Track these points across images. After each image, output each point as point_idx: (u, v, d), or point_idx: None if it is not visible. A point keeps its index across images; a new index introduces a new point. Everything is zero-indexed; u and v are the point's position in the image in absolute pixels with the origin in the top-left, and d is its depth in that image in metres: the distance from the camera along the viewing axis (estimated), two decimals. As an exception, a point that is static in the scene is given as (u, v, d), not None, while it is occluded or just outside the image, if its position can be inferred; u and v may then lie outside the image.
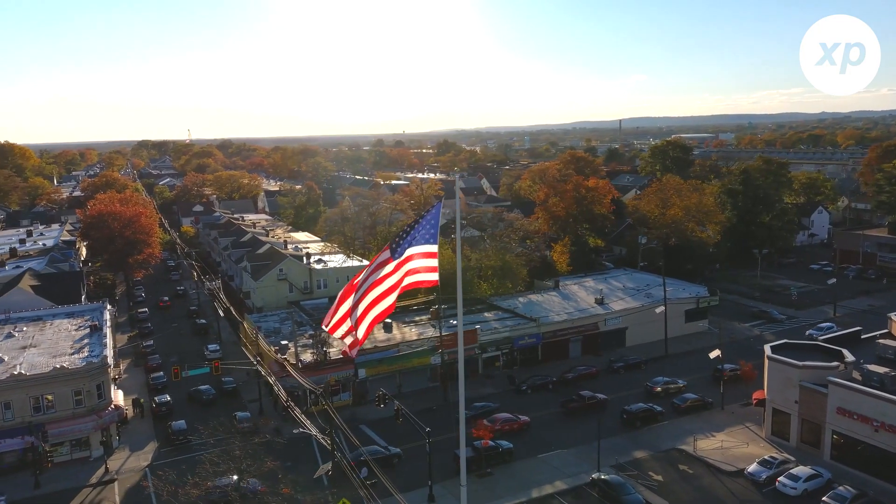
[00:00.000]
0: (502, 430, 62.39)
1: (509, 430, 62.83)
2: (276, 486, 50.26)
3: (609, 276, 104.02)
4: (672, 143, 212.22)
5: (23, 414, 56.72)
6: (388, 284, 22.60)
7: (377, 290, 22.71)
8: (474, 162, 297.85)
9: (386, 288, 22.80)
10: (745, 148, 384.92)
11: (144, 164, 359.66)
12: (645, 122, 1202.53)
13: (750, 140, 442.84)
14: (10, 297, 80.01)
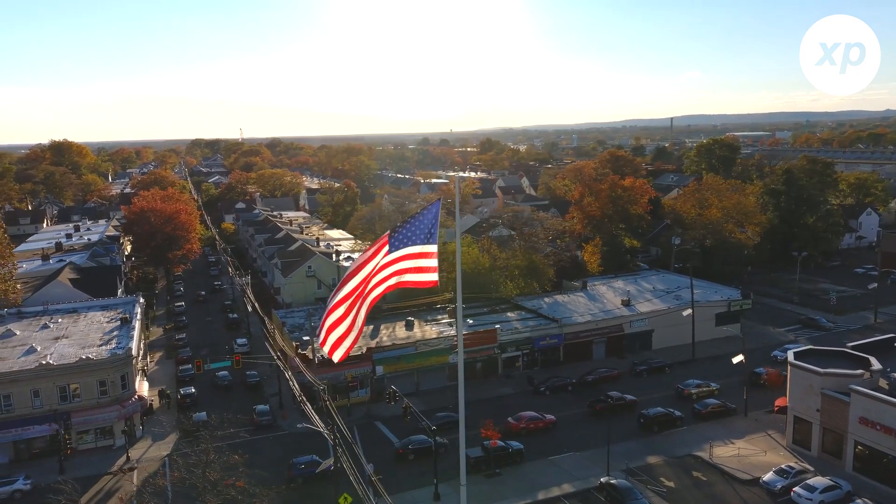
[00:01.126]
0: (527, 428, 62.32)
1: (534, 428, 62.68)
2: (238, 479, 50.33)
3: (639, 278, 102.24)
4: (719, 142, 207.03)
5: (50, 402, 59.09)
6: (378, 279, 22.48)
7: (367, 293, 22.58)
8: (516, 160, 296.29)
9: (374, 284, 22.71)
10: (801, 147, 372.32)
11: (196, 162, 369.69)
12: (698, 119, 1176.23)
13: (806, 139, 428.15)
14: (49, 290, 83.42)
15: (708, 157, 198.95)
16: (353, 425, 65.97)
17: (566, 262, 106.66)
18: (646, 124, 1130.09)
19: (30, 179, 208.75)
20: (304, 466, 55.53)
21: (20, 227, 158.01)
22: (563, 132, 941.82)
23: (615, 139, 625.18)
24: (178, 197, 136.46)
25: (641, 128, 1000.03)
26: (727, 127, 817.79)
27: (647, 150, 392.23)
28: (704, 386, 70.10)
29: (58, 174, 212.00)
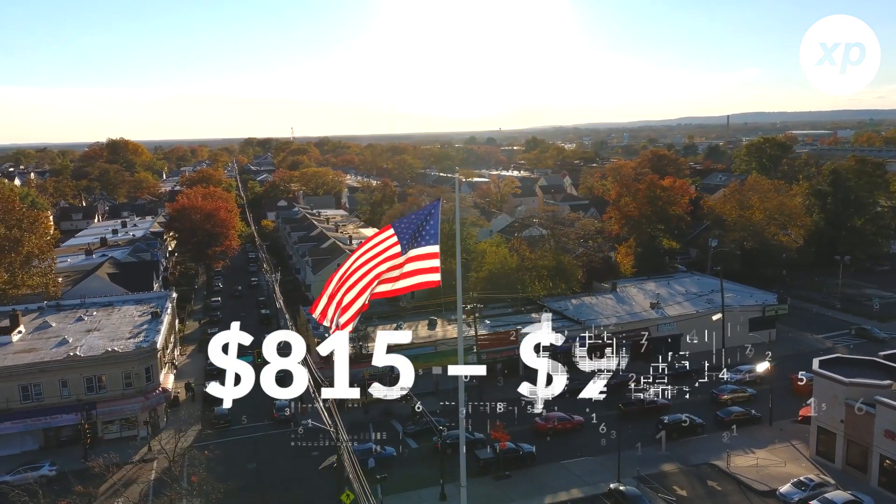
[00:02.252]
0: (555, 428, 61.86)
1: (562, 428, 62.26)
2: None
3: (672, 280, 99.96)
4: (769, 141, 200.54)
5: (77, 392, 61.39)
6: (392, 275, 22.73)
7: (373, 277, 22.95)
8: (561, 159, 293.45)
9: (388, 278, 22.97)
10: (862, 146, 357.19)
11: (247, 161, 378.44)
12: (757, 117, 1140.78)
13: (868, 138, 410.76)
14: (87, 284, 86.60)
15: (758, 157, 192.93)
16: (369, 423, 66.68)
17: (598, 263, 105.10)
18: (701, 122, 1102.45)
19: (85, 176, 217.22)
20: (361, 455, 56.30)
21: (73, 223, 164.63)
22: (614, 130, 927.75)
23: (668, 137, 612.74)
24: (220, 195, 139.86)
25: (697, 126, 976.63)
26: (787, 125, 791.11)
27: (700, 149, 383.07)
28: (740, 391, 68.09)
29: (112, 172, 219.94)
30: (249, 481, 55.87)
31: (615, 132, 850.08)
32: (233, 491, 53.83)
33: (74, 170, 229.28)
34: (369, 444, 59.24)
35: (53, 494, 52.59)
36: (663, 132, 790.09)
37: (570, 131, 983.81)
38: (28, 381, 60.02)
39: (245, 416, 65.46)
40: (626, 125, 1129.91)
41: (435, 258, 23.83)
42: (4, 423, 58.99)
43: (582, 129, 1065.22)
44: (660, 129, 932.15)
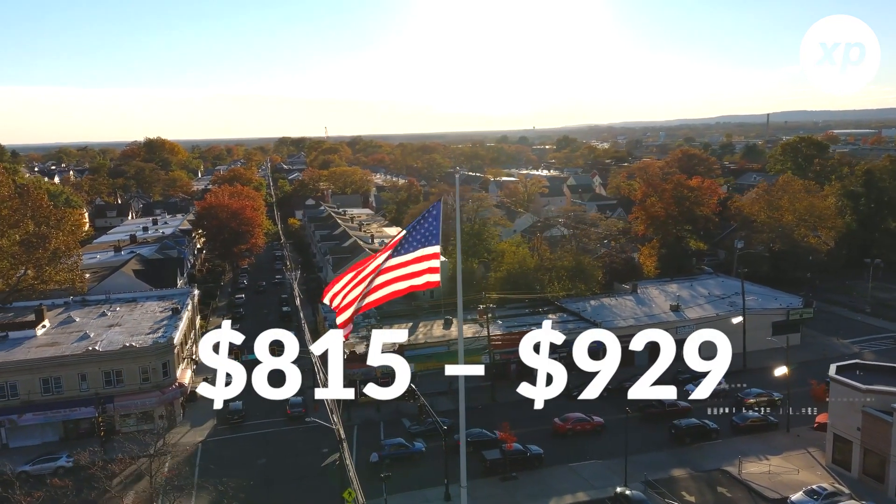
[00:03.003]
0: (574, 429, 61.48)
1: (581, 429, 61.91)
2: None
3: (696, 282, 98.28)
4: (805, 140, 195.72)
5: (96, 386, 62.90)
6: (390, 276, 23.07)
7: (380, 279, 23.38)
8: (592, 158, 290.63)
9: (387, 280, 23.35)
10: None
11: (281, 160, 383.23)
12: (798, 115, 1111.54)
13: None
14: (113, 280, 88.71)
15: (794, 156, 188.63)
16: (381, 421, 67.02)
17: (620, 263, 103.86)
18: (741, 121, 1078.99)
19: (122, 175, 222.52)
20: (390, 448, 58.35)
21: (107, 220, 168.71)
22: (650, 129, 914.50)
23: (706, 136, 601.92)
24: (246, 193, 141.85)
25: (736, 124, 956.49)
26: (829, 124, 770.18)
27: (738, 148, 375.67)
28: (766, 395, 66.65)
29: (147, 170, 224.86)
30: (258, 476, 56.52)
31: (651, 131, 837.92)
32: (240, 486, 54.70)
33: (111, 168, 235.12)
34: (398, 440, 59.52)
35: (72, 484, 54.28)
36: (701, 131, 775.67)
37: (604, 130, 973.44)
38: (49, 374, 61.73)
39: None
40: (662, 124, 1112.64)
41: (436, 259, 24.04)
42: (26, 415, 60.76)
43: (617, 127, 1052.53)
44: (698, 127, 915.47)
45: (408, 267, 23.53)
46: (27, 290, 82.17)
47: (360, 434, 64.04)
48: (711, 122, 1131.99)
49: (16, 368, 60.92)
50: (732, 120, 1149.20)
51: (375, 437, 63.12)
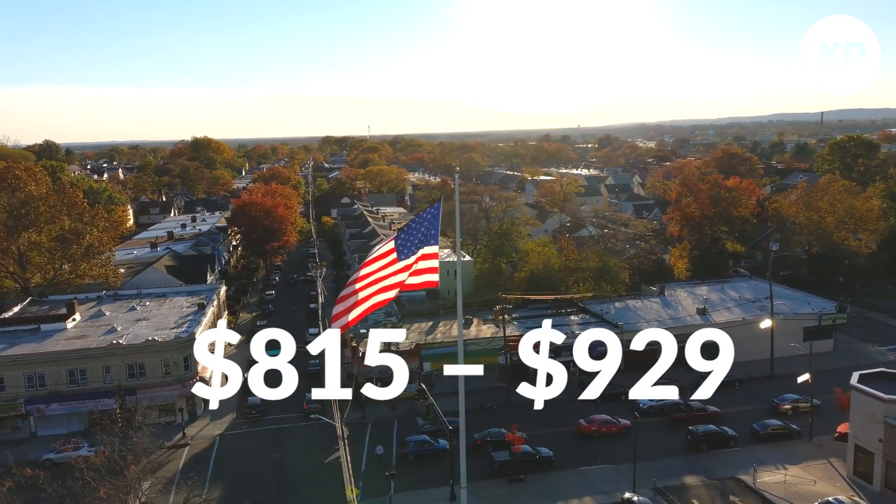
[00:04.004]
0: (599, 431, 60.91)
1: (606, 432, 61.43)
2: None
3: (727, 285, 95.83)
4: (854, 140, 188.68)
5: (119, 378, 64.85)
6: (393, 281, 23.39)
7: (381, 283, 23.73)
8: (634, 157, 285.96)
9: (390, 284, 23.63)
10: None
11: (323, 159, 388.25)
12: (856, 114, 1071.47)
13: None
14: (145, 275, 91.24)
15: (842, 156, 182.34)
16: (395, 419, 67.30)
17: (649, 265, 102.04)
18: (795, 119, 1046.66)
19: (167, 173, 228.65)
20: (414, 445, 58.82)
21: (150, 217, 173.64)
22: (699, 127, 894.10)
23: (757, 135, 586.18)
24: (280, 191, 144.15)
25: (790, 122, 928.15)
26: (888, 122, 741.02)
27: (789, 147, 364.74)
28: (802, 401, 64.57)
29: (192, 168, 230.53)
30: (269, 471, 57.39)
31: (700, 129, 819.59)
32: (250, 480, 55.70)
33: (158, 166, 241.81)
34: (422, 437, 59.84)
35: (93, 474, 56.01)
36: (752, 129, 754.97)
37: (652, 129, 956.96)
38: (75, 366, 63.89)
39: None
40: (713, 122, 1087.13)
41: (435, 258, 24.21)
42: (52, 405, 63.00)
43: (665, 126, 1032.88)
44: (749, 125, 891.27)
45: (415, 263, 23.70)
46: (63, 284, 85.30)
47: (373, 431, 64.41)
48: (764, 121, 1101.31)
49: (43, 360, 63.24)
50: (786, 118, 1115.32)
51: (388, 435, 63.45)
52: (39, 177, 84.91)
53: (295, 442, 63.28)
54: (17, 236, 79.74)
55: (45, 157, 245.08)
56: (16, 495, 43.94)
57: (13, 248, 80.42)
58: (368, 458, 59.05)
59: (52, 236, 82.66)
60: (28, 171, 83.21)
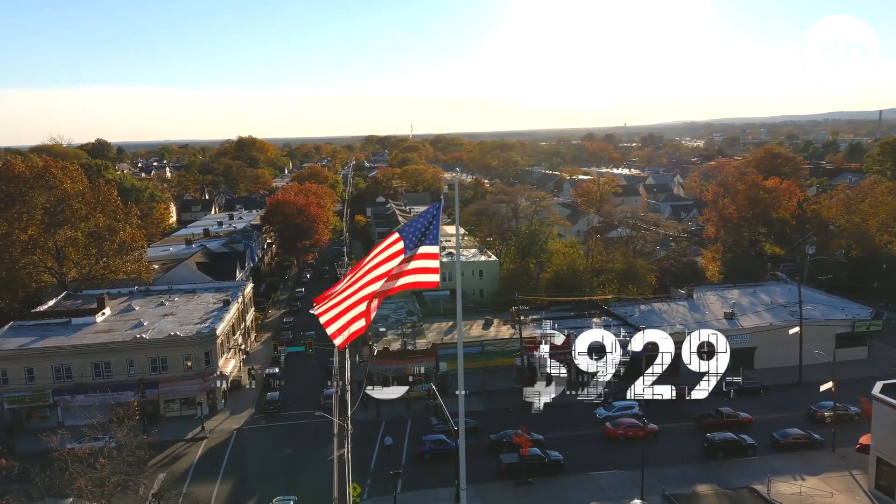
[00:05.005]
0: (625, 435, 60.16)
1: (633, 436, 60.52)
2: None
3: (761, 288, 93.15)
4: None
5: (143, 372, 66.68)
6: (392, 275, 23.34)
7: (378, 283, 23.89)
8: (678, 156, 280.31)
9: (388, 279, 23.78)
10: None
11: (364, 158, 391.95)
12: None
13: None
14: (177, 272, 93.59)
15: (893, 156, 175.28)
16: (409, 418, 67.50)
17: (679, 267, 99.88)
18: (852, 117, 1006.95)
19: (211, 171, 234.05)
20: (430, 444, 59.04)
21: (192, 214, 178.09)
22: (751, 125, 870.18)
23: (811, 133, 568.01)
24: (314, 190, 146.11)
25: (846, 121, 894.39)
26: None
27: (843, 147, 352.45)
28: (842, 409, 62.32)
29: (234, 167, 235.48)
30: (281, 465, 58.24)
31: (752, 128, 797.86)
32: (262, 473, 56.63)
33: (202, 165, 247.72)
34: (439, 436, 59.99)
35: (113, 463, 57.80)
36: (807, 128, 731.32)
37: (701, 127, 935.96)
38: (100, 359, 65.95)
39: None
40: (765, 120, 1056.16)
41: (435, 259, 24.19)
42: (78, 396, 65.12)
43: (716, 124, 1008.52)
44: (803, 124, 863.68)
45: (411, 263, 23.71)
46: (98, 279, 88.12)
47: (386, 429, 64.70)
48: (819, 119, 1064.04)
49: (70, 352, 65.48)
50: (842, 116, 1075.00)
51: (401, 434, 63.73)
52: (75, 175, 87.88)
53: (310, 437, 64.01)
54: (53, 232, 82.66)
55: (97, 155, 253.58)
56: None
57: (50, 244, 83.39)
58: (379, 456, 59.46)
59: (87, 233, 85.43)
60: (64, 170, 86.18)
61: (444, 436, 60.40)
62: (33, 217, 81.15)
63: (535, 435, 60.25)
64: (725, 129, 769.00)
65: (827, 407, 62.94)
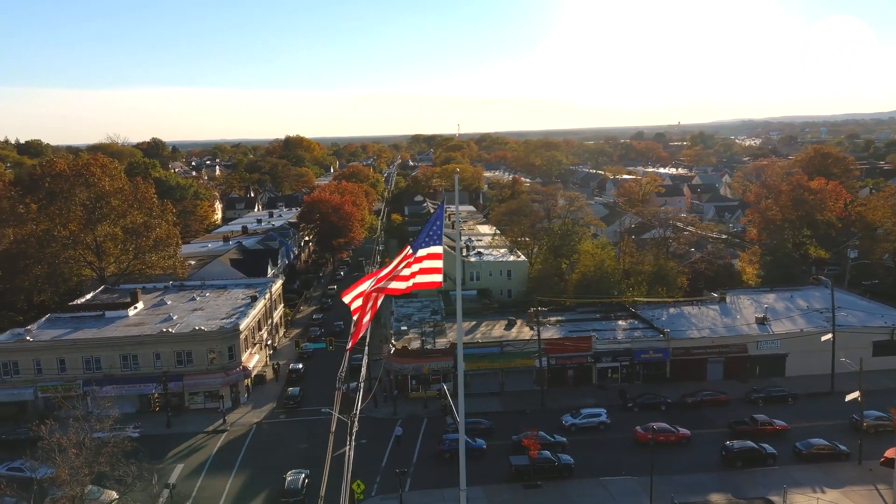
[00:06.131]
0: (656, 439, 59.15)
1: (664, 440, 59.53)
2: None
3: (799, 293, 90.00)
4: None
5: (168, 364, 68.59)
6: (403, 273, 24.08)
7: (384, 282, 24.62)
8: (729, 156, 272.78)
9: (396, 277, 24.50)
10: None
11: (409, 157, 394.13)
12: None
13: None
14: (211, 268, 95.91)
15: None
16: (424, 417, 67.61)
17: (714, 269, 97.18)
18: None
19: (258, 170, 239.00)
20: (450, 444, 58.74)
21: (236, 212, 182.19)
22: (811, 124, 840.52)
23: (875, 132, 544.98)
24: (350, 189, 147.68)
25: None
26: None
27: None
28: (886, 419, 59.80)
29: (280, 166, 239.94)
30: (295, 460, 59.03)
31: (811, 126, 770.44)
32: (276, 467, 57.49)
33: (249, 163, 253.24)
34: (455, 436, 59.99)
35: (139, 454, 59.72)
36: (871, 126, 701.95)
37: (759, 125, 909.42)
38: (128, 351, 68.14)
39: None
40: (827, 119, 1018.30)
41: (438, 259, 24.58)
42: (106, 387, 67.18)
43: (774, 122, 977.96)
44: (867, 122, 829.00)
45: (415, 264, 24.13)
46: (135, 273, 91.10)
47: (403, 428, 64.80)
48: (885, 117, 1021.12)
49: (100, 344, 67.88)
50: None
51: (416, 432, 63.92)
52: (114, 173, 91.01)
53: (325, 433, 64.70)
54: (92, 228, 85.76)
55: (152, 154, 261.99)
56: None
57: (89, 240, 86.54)
58: (391, 452, 59.84)
59: (125, 229, 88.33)
60: (103, 168, 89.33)
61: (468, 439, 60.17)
62: (73, 213, 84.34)
63: (558, 437, 59.89)
64: (784, 128, 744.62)
65: (871, 416, 60.06)
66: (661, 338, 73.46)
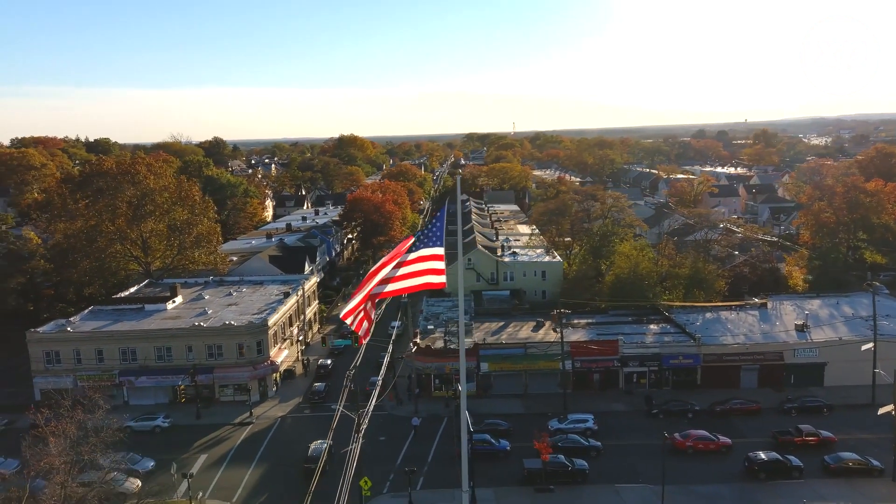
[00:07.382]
0: (695, 447, 58.10)
1: (703, 448, 58.39)
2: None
3: (846, 299, 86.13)
4: None
5: (200, 357, 70.80)
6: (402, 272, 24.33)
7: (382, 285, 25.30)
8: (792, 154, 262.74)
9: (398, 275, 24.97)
10: None
11: (461, 155, 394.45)
12: None
13: None
14: (249, 264, 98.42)
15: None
16: (445, 416, 67.72)
17: (758, 273, 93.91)
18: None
19: (310, 168, 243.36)
20: (476, 444, 58.13)
21: (286, 209, 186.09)
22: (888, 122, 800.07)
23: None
24: (392, 188, 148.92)
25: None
26: None
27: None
28: None
29: (331, 165, 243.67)
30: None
31: (888, 124, 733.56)
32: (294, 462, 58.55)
33: (302, 162, 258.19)
34: (484, 436, 59.66)
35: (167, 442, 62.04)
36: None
37: (831, 123, 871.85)
38: (162, 343, 70.66)
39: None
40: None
41: (440, 260, 24.77)
42: (141, 378, 70.13)
43: (847, 120, 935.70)
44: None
45: (415, 265, 24.40)
46: (178, 269, 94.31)
47: (421, 427, 65.09)
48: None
49: (136, 336, 70.63)
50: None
51: (435, 431, 64.13)
52: (160, 171, 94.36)
53: (345, 429, 65.56)
54: (138, 224, 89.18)
55: (212, 153, 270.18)
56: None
57: (135, 235, 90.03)
58: (406, 453, 60.18)
59: (169, 225, 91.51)
60: (149, 167, 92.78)
61: (489, 435, 59.92)
62: (120, 210, 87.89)
63: (593, 442, 59.17)
64: (857, 126, 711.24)
65: None
66: (692, 343, 71.49)
